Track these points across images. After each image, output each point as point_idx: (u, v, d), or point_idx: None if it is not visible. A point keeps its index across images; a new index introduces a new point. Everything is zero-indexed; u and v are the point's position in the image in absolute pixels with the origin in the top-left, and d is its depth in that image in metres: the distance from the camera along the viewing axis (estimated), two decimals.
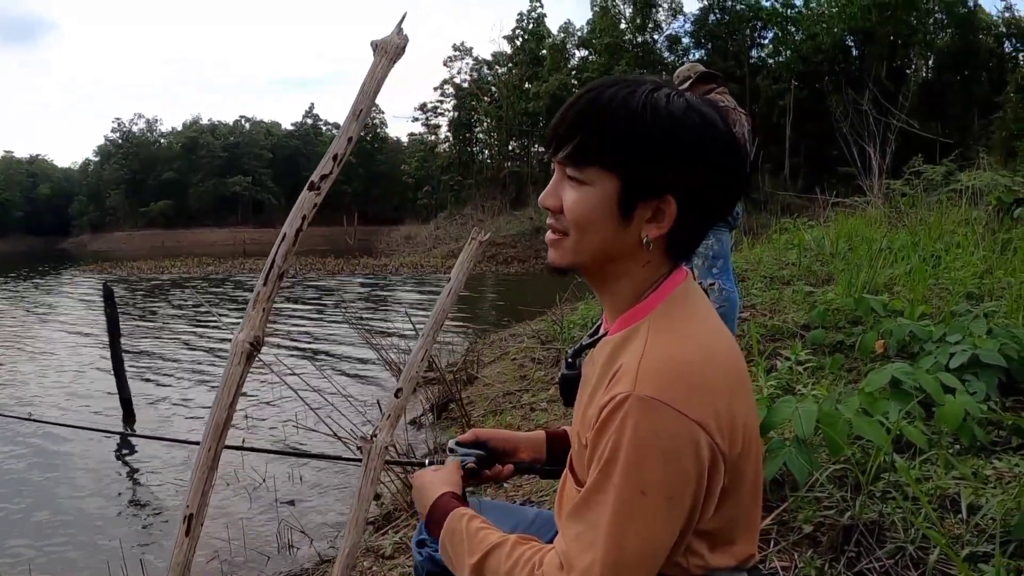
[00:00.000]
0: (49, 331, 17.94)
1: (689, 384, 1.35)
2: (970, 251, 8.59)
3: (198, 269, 38.38)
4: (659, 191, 1.43)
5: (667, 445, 1.32)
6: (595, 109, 1.45)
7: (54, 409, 9.90)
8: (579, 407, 1.63)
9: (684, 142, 1.42)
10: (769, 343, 6.61)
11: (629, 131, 1.41)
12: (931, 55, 53.54)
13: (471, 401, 7.85)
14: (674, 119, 1.41)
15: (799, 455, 3.08)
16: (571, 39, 67.96)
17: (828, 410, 3.23)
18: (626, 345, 1.47)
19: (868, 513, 2.96)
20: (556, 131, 1.50)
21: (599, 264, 1.54)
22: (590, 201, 1.46)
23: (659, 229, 1.46)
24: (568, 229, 1.51)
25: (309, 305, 21.95)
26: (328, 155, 0.91)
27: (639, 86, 1.45)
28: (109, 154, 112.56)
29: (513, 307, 12.58)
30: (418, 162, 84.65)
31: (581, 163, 1.46)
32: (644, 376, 1.35)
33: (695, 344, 1.43)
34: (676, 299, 1.50)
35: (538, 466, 2.07)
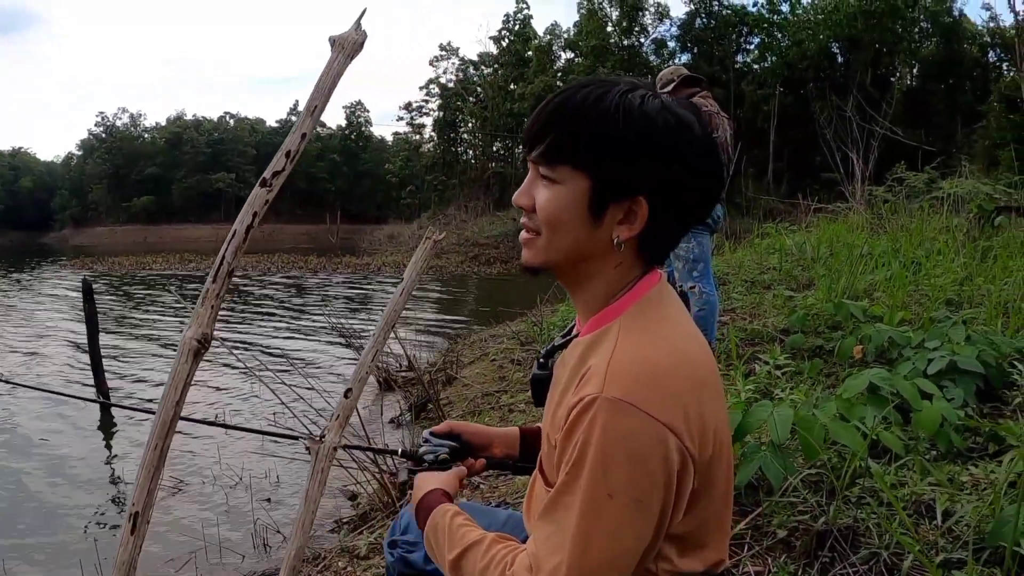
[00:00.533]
0: (27, 325, 17.82)
1: (658, 386, 1.34)
2: (950, 258, 8.61)
3: (179, 265, 38.20)
4: (630, 192, 1.43)
5: (634, 447, 1.31)
6: (568, 108, 1.44)
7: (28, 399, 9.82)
8: (549, 408, 1.61)
9: (657, 143, 1.41)
10: (748, 347, 6.61)
11: (600, 130, 1.40)
12: (916, 63, 53.79)
13: (450, 401, 7.84)
14: (647, 119, 1.40)
15: (774, 460, 3.07)
16: (557, 41, 68.08)
17: (804, 415, 3.23)
18: (596, 346, 1.46)
19: (843, 518, 2.95)
20: (530, 130, 1.50)
21: (571, 264, 1.53)
22: (561, 200, 1.46)
23: (630, 230, 1.45)
24: (540, 228, 1.50)
25: (287, 303, 21.90)
26: (281, 151, 0.89)
27: (613, 86, 1.44)
28: (92, 148, 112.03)
29: (494, 308, 12.59)
30: (402, 161, 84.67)
31: (552, 162, 1.46)
32: (613, 377, 1.34)
33: (666, 346, 1.42)
34: (649, 301, 1.50)
35: (510, 462, 2.07)
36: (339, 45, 0.92)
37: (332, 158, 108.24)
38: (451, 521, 1.62)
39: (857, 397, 3.75)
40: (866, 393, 3.81)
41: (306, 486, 0.96)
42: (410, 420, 7.81)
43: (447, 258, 39.10)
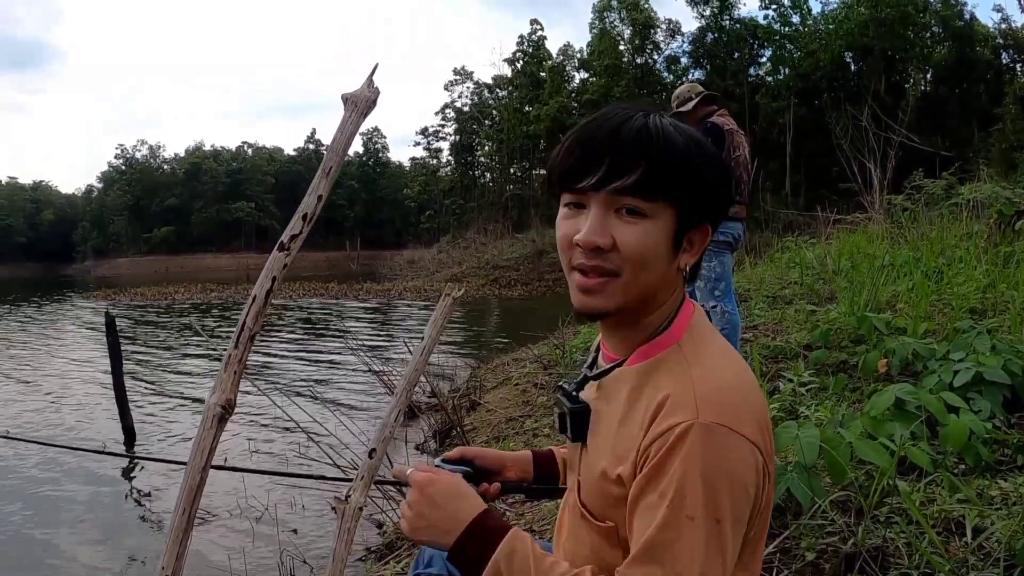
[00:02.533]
0: (52, 359, 17.84)
1: (743, 406, 1.36)
2: (972, 265, 8.54)
3: (201, 295, 38.29)
4: (704, 219, 1.45)
5: (734, 469, 1.31)
6: (654, 138, 1.39)
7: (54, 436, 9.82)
8: (598, 443, 1.53)
9: (717, 168, 1.46)
10: (772, 364, 6.56)
11: (686, 160, 1.39)
12: (929, 69, 53.60)
13: (474, 427, 7.80)
14: (703, 146, 1.43)
15: (802, 481, 3.04)
16: (570, 61, 68.26)
17: (830, 435, 3.20)
18: (655, 375, 1.43)
19: (871, 539, 2.92)
20: (594, 159, 1.40)
21: (641, 301, 1.47)
22: (654, 236, 1.40)
23: (692, 257, 1.47)
24: (622, 268, 1.41)
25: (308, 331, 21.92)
26: (298, 215, 0.88)
27: (650, 112, 1.45)
28: (112, 180, 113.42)
29: (515, 331, 12.53)
30: (420, 186, 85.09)
31: (648, 193, 1.38)
32: (703, 402, 1.32)
33: (732, 367, 1.44)
34: (698, 326, 1.51)
35: (525, 485, 2.02)
36: (352, 103, 0.91)
37: (350, 184, 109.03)
38: (533, 548, 1.44)
39: (884, 413, 3.72)
40: (893, 409, 3.78)
41: (333, 546, 0.92)
42: (436, 448, 7.79)
43: (468, 282, 38.96)
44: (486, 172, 76.64)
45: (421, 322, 23.72)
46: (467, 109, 76.68)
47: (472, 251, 52.53)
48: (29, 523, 7.00)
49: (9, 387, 14.03)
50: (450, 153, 79.53)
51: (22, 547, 6.52)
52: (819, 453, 3.14)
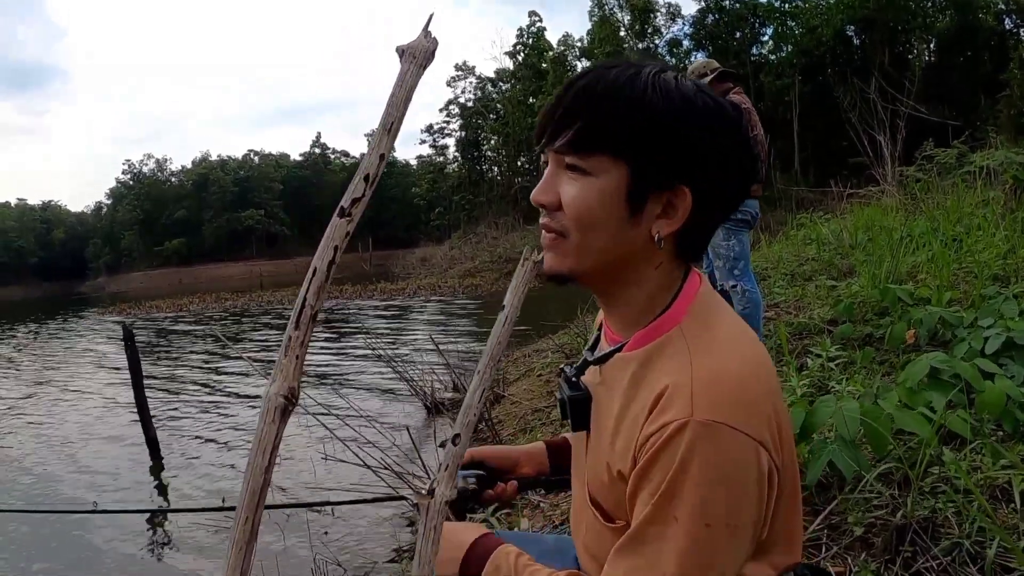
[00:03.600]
0: (72, 373, 17.89)
1: (746, 400, 1.24)
2: (990, 232, 8.48)
3: (216, 305, 38.32)
4: (672, 181, 1.31)
5: (733, 471, 1.21)
6: (599, 90, 1.31)
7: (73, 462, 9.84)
8: (601, 434, 1.45)
9: (698, 126, 1.30)
10: (797, 341, 6.53)
11: (639, 113, 1.28)
12: (932, 39, 53.27)
13: (500, 420, 7.76)
14: (687, 100, 1.30)
15: (843, 452, 2.99)
16: (571, 51, 68.06)
17: (870, 407, 3.15)
18: (656, 362, 1.34)
19: (919, 510, 2.88)
20: (550, 116, 1.36)
21: (606, 268, 1.38)
22: (595, 194, 1.31)
23: (670, 225, 1.33)
24: (568, 229, 1.35)
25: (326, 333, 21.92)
26: (358, 176, 0.82)
27: (643, 67, 1.33)
28: (121, 196, 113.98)
29: (534, 321, 12.42)
30: (428, 183, 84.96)
31: (585, 149, 1.31)
32: (701, 397, 1.22)
33: (739, 355, 1.31)
34: (702, 305, 1.39)
35: (543, 478, 1.95)
36: (409, 55, 0.85)
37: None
38: (516, 561, 1.49)
39: (919, 383, 3.68)
40: (927, 379, 3.74)
41: (418, 546, 0.87)
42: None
43: (481, 276, 39.05)
44: (493, 166, 76.60)
45: (437, 317, 23.74)
46: (471, 104, 76.66)
47: (484, 245, 52.51)
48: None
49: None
50: (456, 149, 79.53)
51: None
52: (859, 425, 3.10)
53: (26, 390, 15.86)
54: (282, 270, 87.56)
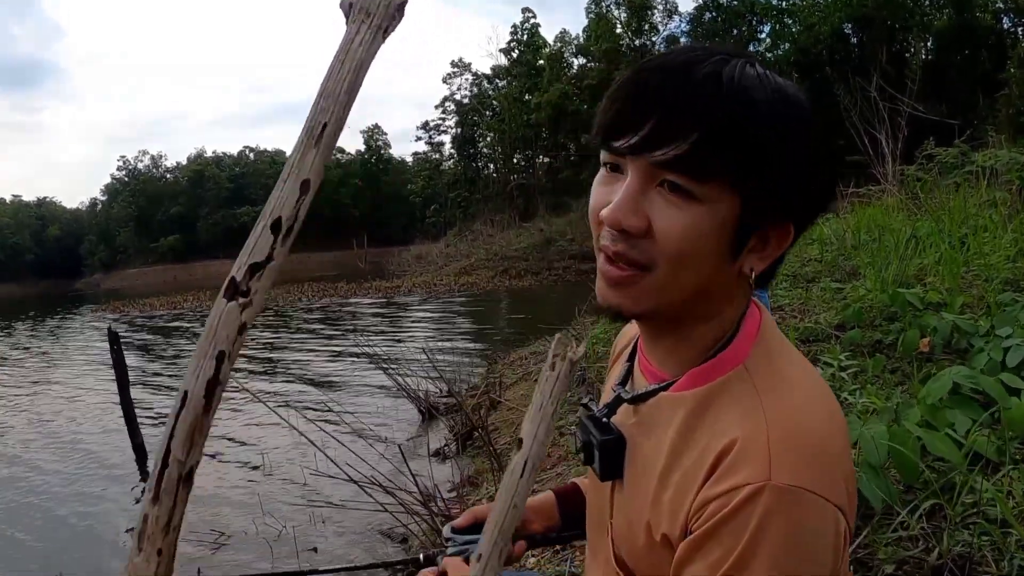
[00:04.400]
0: (63, 373, 17.75)
1: (826, 461, 1.02)
2: (996, 233, 8.31)
3: (210, 303, 37.99)
4: (783, 216, 1.08)
5: (812, 542, 0.99)
6: (725, 92, 1.02)
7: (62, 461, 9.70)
8: (638, 486, 1.21)
9: (813, 147, 1.06)
10: (804, 347, 6.33)
11: (771, 132, 1.02)
12: (930, 37, 53.24)
13: (496, 427, 7.59)
14: (803, 113, 1.06)
15: (872, 482, 2.77)
16: (568, 48, 67.97)
17: (897, 430, 2.94)
18: (717, 408, 1.10)
19: (954, 545, 2.65)
20: (643, 113, 1.05)
21: (686, 306, 1.13)
22: (703, 226, 1.04)
23: (763, 260, 1.11)
24: (655, 261, 1.07)
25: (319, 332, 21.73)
26: (262, 223, 0.58)
27: (745, 59, 1.07)
28: (116, 192, 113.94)
29: (529, 323, 12.27)
30: (424, 181, 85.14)
31: (704, 173, 1.02)
32: (781, 457, 1.00)
33: (817, 404, 1.09)
34: (767, 341, 1.15)
35: (554, 535, 1.71)
36: (360, 11, 0.56)
37: (354, 183, 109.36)
38: None
39: (941, 400, 3.47)
40: (948, 395, 3.53)
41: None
42: (457, 451, 7.55)
43: (477, 274, 38.96)
44: (489, 163, 76.50)
45: (430, 315, 23.55)
46: (467, 101, 76.66)
47: (479, 243, 52.34)
48: None
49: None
50: (452, 146, 79.62)
51: None
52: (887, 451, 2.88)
53: (28, 388, 15.76)
54: None
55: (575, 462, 5.75)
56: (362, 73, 0.62)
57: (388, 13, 0.61)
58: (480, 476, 6.40)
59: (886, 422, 3.24)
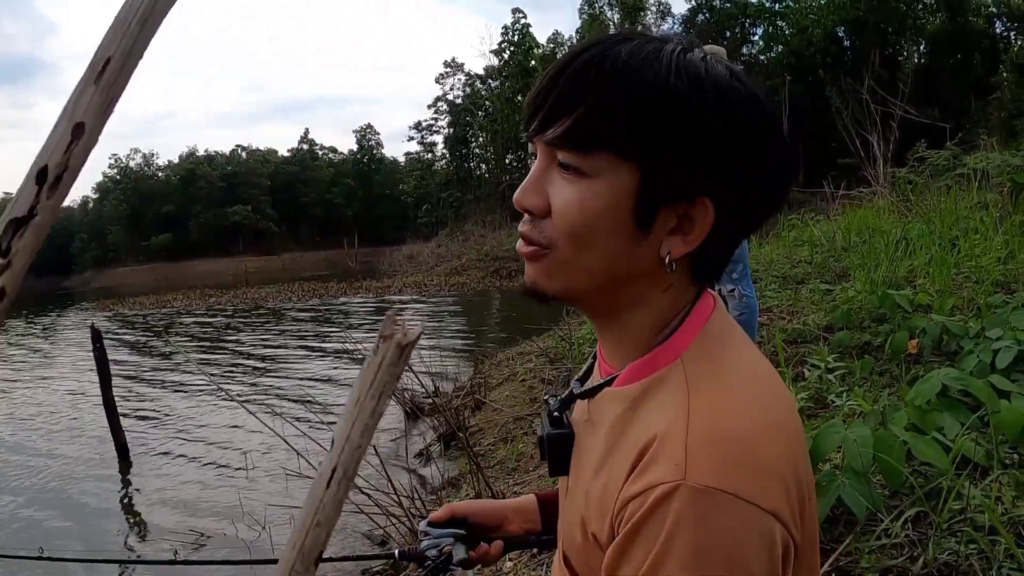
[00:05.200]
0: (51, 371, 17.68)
1: (755, 462, 0.93)
2: (987, 236, 8.29)
3: (200, 301, 38.03)
4: (693, 191, 0.99)
5: (732, 548, 0.88)
6: (606, 69, 0.98)
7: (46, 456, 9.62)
8: (580, 480, 1.15)
9: (730, 122, 0.98)
10: (792, 348, 6.28)
11: (658, 102, 0.96)
12: (922, 40, 53.41)
13: (480, 429, 7.51)
14: (719, 90, 0.98)
15: (855, 489, 2.69)
16: (561, 49, 67.96)
17: (882, 434, 2.85)
18: (648, 402, 1.03)
19: (940, 554, 2.57)
20: (543, 99, 1.04)
21: (601, 290, 1.07)
22: (595, 201, 1.00)
23: (686, 244, 1.02)
24: (555, 240, 1.04)
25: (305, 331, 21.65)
26: (33, 168, 0.50)
27: (664, 43, 1.01)
28: (108, 190, 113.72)
29: (518, 323, 12.17)
30: (416, 180, 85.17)
31: (585, 145, 0.99)
32: (696, 457, 0.91)
33: (751, 402, 0.99)
34: (711, 335, 1.07)
35: (533, 537, 1.63)
36: None
37: (346, 183, 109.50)
38: None
39: (929, 402, 3.39)
40: (936, 398, 3.46)
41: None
42: (441, 451, 7.47)
43: (468, 275, 38.92)
44: (481, 163, 76.49)
45: (420, 314, 23.48)
46: (459, 101, 76.67)
47: (471, 243, 52.27)
48: None
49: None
50: (444, 146, 79.54)
51: None
52: (871, 456, 2.80)
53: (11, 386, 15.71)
54: (269, 266, 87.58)
55: None
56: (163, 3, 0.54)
57: None
58: (462, 478, 6.32)
59: (872, 425, 3.17)
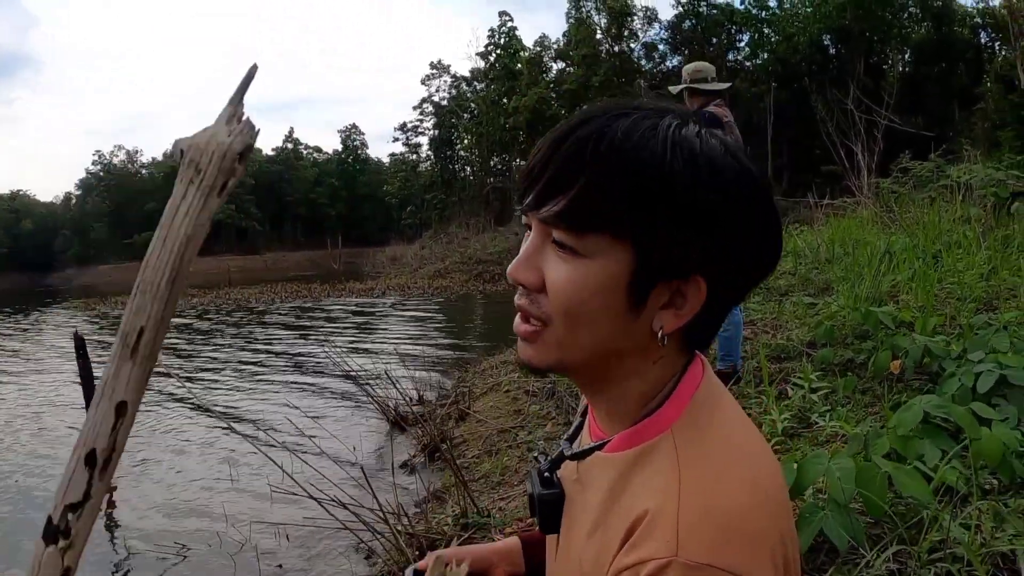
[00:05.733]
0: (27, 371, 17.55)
1: (745, 537, 0.94)
2: (970, 250, 8.35)
3: (182, 301, 37.77)
4: (687, 268, 1.00)
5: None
6: (602, 149, 0.98)
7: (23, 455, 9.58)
8: (571, 545, 1.18)
9: (723, 201, 0.99)
10: (775, 363, 6.31)
11: (653, 183, 0.97)
12: (907, 50, 53.67)
13: (464, 440, 7.49)
14: (714, 168, 0.99)
15: (838, 521, 2.71)
16: (547, 52, 68.01)
17: (864, 466, 2.88)
18: (639, 472, 1.05)
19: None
20: (539, 173, 1.04)
21: (593, 364, 1.09)
22: (590, 281, 1.01)
23: (678, 318, 1.04)
24: (550, 317, 1.05)
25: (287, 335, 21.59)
26: None
27: (662, 117, 1.02)
28: (91, 187, 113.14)
29: (502, 328, 12.14)
30: (400, 182, 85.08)
31: (580, 226, 1.00)
32: (689, 533, 0.92)
33: (741, 474, 1.01)
34: (701, 405, 1.08)
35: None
36: (191, 166, 0.54)
37: (331, 183, 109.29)
38: None
39: (911, 430, 3.43)
40: (919, 426, 3.50)
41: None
42: (425, 463, 7.44)
43: (451, 278, 38.78)
44: (466, 166, 76.54)
45: (404, 318, 23.44)
46: (445, 103, 76.66)
47: (455, 246, 52.16)
48: None
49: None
50: (429, 148, 79.50)
51: None
52: (854, 489, 2.83)
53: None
54: (252, 265, 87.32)
55: None
56: (189, 253, 0.56)
57: (224, 167, 0.53)
58: (446, 491, 6.30)
59: (855, 451, 3.20)
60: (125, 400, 0.55)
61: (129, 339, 0.55)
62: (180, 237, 0.50)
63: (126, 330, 0.53)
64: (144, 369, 0.55)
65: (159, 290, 0.50)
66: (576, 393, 7.48)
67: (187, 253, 0.51)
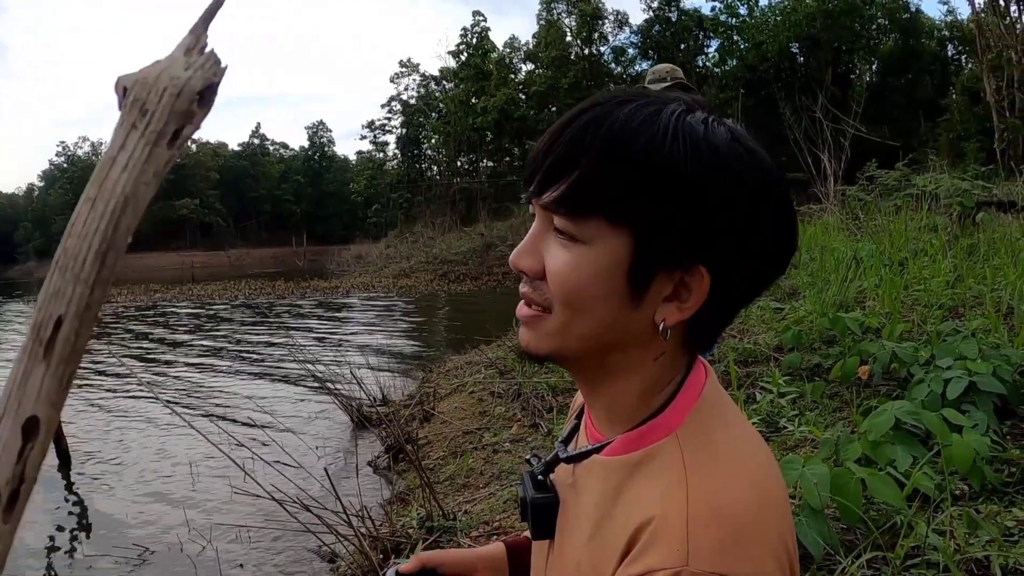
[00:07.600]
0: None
1: (752, 542, 0.91)
2: (935, 258, 8.41)
3: (145, 297, 37.41)
4: (688, 258, 0.97)
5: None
6: (602, 132, 0.96)
7: None
8: (567, 548, 1.14)
9: (728, 189, 0.95)
10: (743, 367, 6.30)
11: (653, 168, 0.94)
12: (875, 60, 54.24)
13: (429, 441, 7.43)
14: (717, 154, 0.95)
15: (812, 528, 2.68)
16: (517, 53, 68.07)
17: (838, 471, 2.85)
18: (642, 477, 1.00)
19: None
20: (542, 160, 1.02)
21: (593, 354, 1.05)
22: (588, 268, 0.98)
23: (680, 311, 0.99)
24: (551, 304, 1.02)
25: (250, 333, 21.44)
26: None
27: (665, 104, 0.98)
28: (54, 179, 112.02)
29: (467, 329, 12.13)
30: (367, 180, 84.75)
31: (578, 211, 0.98)
32: (698, 541, 0.89)
33: (748, 482, 0.97)
34: (705, 408, 1.04)
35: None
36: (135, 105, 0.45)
37: (296, 179, 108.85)
38: None
39: (883, 435, 3.42)
40: (891, 431, 3.49)
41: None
42: (389, 463, 7.37)
43: (416, 277, 38.71)
44: (433, 165, 76.39)
45: (368, 317, 23.35)
46: (413, 102, 76.45)
47: (420, 245, 52.09)
48: None
49: None
50: (396, 146, 79.22)
51: None
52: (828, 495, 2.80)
53: None
54: (216, 261, 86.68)
55: (508, 483, 5.66)
56: (127, 220, 0.45)
57: (177, 109, 0.43)
58: (410, 493, 6.24)
59: (826, 456, 3.17)
60: (36, 415, 0.45)
61: (43, 333, 0.44)
62: (116, 197, 0.40)
63: (39, 320, 0.44)
64: (63, 373, 0.44)
65: (84, 267, 0.40)
66: (542, 395, 7.46)
67: (124, 219, 0.41)
